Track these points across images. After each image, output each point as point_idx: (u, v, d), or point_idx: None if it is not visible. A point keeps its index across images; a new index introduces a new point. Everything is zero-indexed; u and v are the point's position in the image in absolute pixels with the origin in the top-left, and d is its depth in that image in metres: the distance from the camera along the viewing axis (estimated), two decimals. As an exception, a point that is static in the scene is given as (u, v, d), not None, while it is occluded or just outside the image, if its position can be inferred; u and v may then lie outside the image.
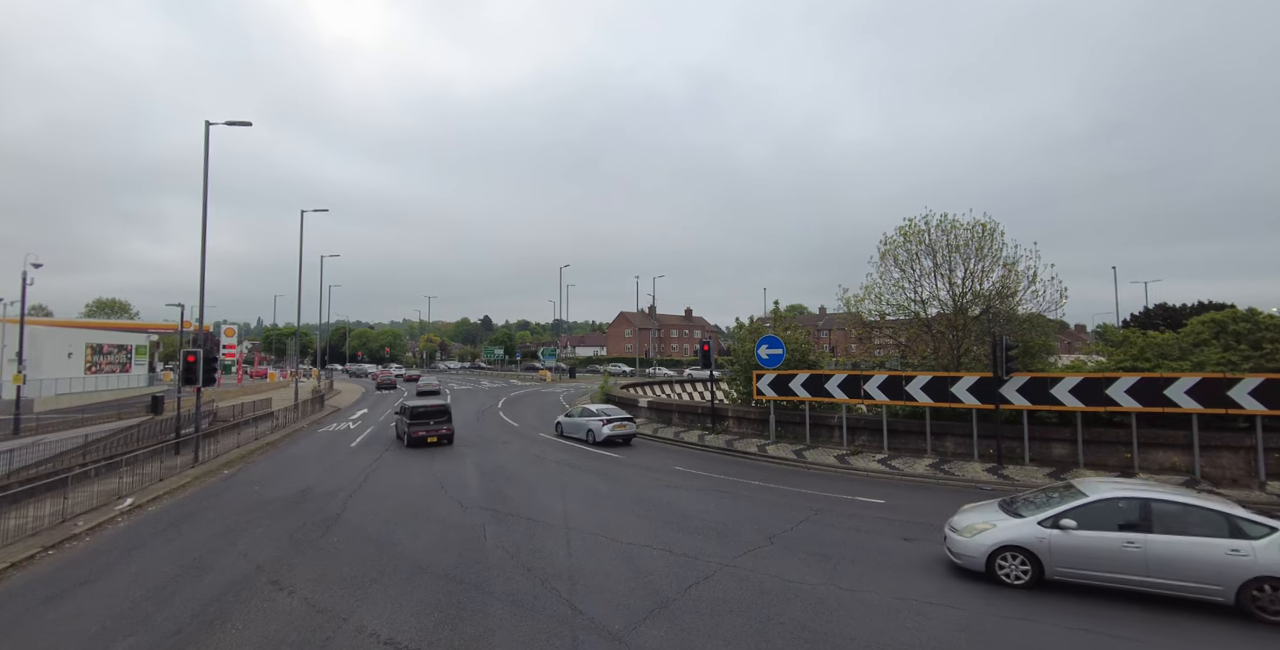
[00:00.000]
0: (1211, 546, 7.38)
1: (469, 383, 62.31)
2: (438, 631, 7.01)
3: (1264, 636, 6.79)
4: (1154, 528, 7.74)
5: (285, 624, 7.31)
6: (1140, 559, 7.62)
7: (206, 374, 18.59)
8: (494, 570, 8.94)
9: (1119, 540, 7.78)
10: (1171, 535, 7.62)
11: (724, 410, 23.60)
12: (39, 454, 18.06)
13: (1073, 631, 6.91)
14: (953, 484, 14.86)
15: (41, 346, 40.78)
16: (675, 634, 6.85)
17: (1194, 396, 13.49)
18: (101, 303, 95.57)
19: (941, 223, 19.06)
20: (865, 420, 19.10)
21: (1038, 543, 8.16)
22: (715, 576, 8.61)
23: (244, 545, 10.50)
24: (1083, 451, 14.99)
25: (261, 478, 16.85)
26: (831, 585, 8.26)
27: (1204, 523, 7.62)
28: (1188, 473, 13.82)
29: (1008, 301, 18.49)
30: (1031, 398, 15.25)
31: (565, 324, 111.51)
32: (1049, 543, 8.10)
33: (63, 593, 8.62)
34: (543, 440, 23.30)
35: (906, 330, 21.07)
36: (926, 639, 6.71)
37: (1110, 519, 8.02)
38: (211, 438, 21.42)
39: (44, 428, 26.87)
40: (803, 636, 6.79)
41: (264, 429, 25.81)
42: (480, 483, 15.26)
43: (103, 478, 15.09)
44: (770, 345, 20.92)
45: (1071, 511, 8.22)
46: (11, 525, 11.23)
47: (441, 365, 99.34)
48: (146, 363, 58.21)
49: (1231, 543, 7.33)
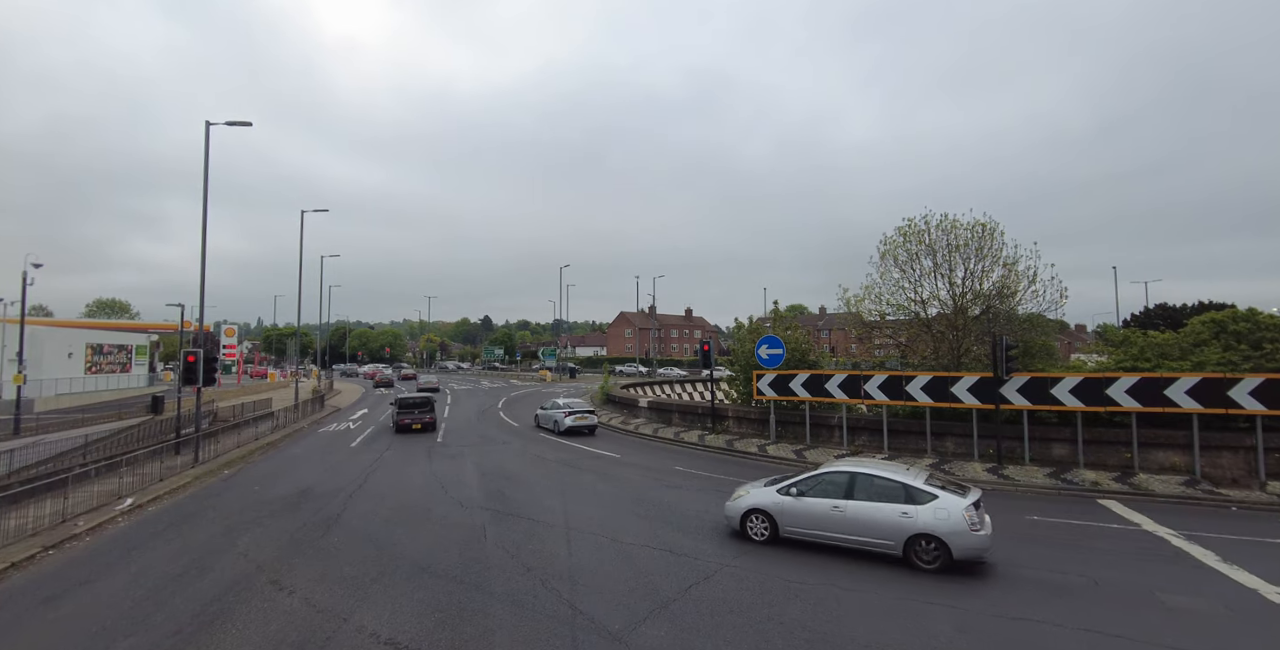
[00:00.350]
0: (890, 510, 9.20)
1: (469, 383, 62.32)
2: (438, 631, 7.02)
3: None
4: (855, 496, 9.57)
5: (286, 624, 7.31)
6: (842, 520, 9.55)
7: (206, 374, 18.60)
8: (494, 570, 8.94)
9: (828, 505, 9.71)
10: (864, 501, 9.45)
11: (724, 410, 23.59)
12: (39, 454, 18.07)
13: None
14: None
15: (42, 346, 40.79)
16: (675, 634, 6.85)
17: (1194, 396, 13.49)
18: (102, 303, 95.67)
19: (941, 223, 19.06)
20: (865, 420, 19.10)
21: (774, 507, 10.17)
22: (715, 576, 8.62)
23: (244, 545, 10.50)
24: (1083, 451, 14.99)
25: (262, 478, 16.85)
26: (831, 585, 8.26)
27: (888, 492, 9.38)
28: (1188, 473, 13.82)
29: (1008, 301, 18.48)
30: (1031, 398, 15.24)
31: (565, 324, 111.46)
32: (782, 507, 10.10)
33: (63, 593, 8.62)
34: (542, 439, 23.31)
35: (906, 330, 21.06)
36: (926, 639, 6.71)
37: (826, 489, 9.90)
38: (212, 438, 21.43)
39: (44, 428, 26.88)
40: (803, 636, 6.79)
41: (264, 429, 25.80)
42: (480, 482, 15.27)
43: (103, 478, 15.09)
44: (770, 345, 20.92)
45: (800, 482, 10.21)
46: (12, 525, 11.23)
47: (451, 365, 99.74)
48: (147, 363, 58.20)
49: (903, 507, 9.11)
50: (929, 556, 8.87)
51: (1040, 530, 10.94)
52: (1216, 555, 9.35)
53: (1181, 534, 10.46)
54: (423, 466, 17.69)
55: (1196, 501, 12.71)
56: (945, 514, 8.83)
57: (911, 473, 9.88)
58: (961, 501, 8.90)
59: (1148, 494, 13.17)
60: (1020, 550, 9.78)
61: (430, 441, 22.77)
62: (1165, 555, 9.52)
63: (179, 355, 22.75)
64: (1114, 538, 10.46)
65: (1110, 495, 13.29)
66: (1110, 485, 13.75)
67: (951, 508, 8.84)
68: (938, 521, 8.80)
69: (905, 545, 9.01)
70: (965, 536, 8.65)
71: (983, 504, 9.19)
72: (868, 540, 9.34)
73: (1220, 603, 7.64)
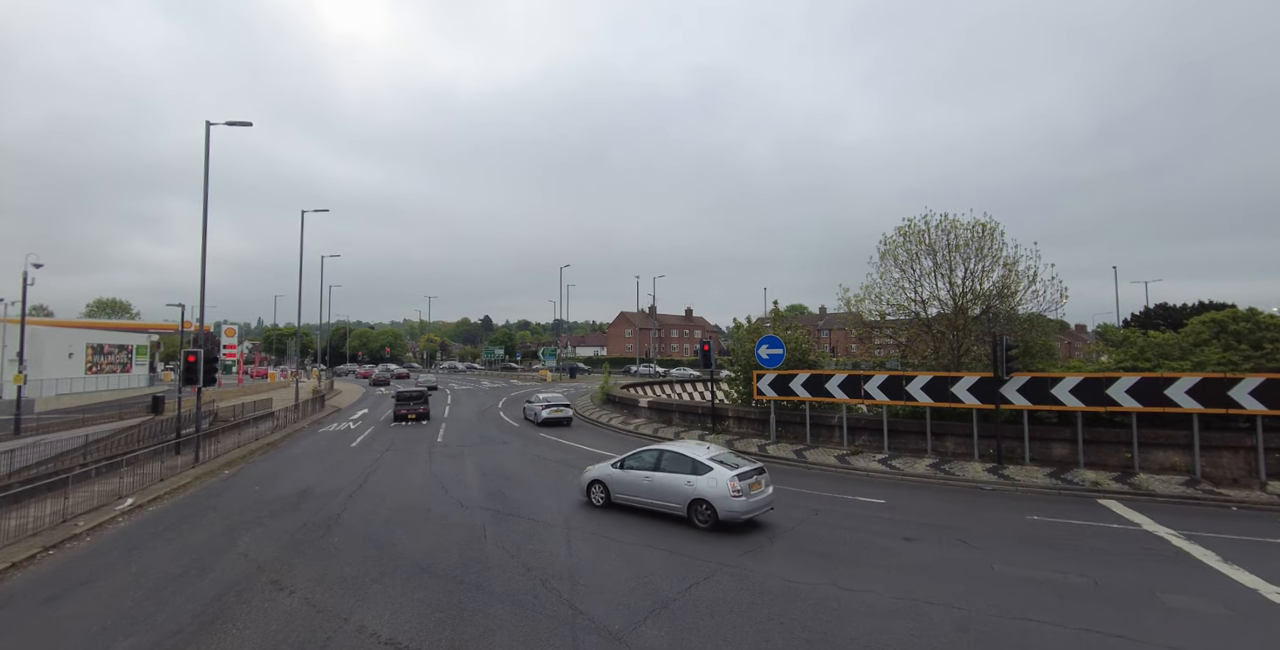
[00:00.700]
0: (679, 480, 11.23)
1: (469, 383, 62.35)
2: (438, 631, 7.02)
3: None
4: (661, 468, 11.66)
5: (286, 624, 7.31)
6: (650, 488, 11.70)
7: (207, 374, 18.61)
8: (494, 570, 8.94)
9: (641, 476, 11.89)
10: (662, 473, 11.58)
11: (724, 410, 23.59)
12: (40, 454, 18.07)
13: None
14: (953, 484, 14.86)
15: (42, 346, 40.80)
16: (675, 634, 6.85)
17: (1194, 396, 13.48)
18: (102, 303, 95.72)
19: (941, 223, 19.06)
20: (866, 420, 19.10)
21: (608, 478, 12.50)
22: (715, 576, 8.62)
23: (245, 545, 10.51)
24: (1083, 451, 14.98)
25: (262, 478, 16.85)
26: (832, 585, 8.26)
27: (681, 465, 11.40)
28: (1188, 473, 13.82)
29: (1008, 301, 18.47)
30: (1032, 398, 15.24)
31: (565, 324, 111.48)
32: (612, 478, 12.41)
33: (63, 593, 8.62)
34: (542, 440, 23.31)
35: (907, 330, 21.06)
36: (927, 639, 6.71)
37: (642, 462, 12.11)
38: (212, 438, 21.43)
39: (45, 428, 26.89)
40: (803, 636, 6.79)
41: (264, 429, 25.80)
42: (480, 482, 15.27)
43: (103, 478, 15.10)
44: (771, 345, 20.92)
45: (626, 458, 12.54)
46: (12, 525, 11.23)
47: (459, 365, 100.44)
48: (147, 363, 58.21)
49: (689, 477, 11.11)
50: (703, 517, 10.82)
51: (1040, 530, 10.94)
52: (1217, 555, 9.35)
53: (1182, 534, 10.46)
54: (423, 466, 17.70)
55: (1197, 501, 12.70)
56: (714, 483, 10.72)
57: (705, 450, 11.85)
58: (728, 473, 10.69)
59: (1148, 494, 13.17)
60: (1020, 550, 9.79)
61: (430, 441, 22.78)
62: (1165, 555, 9.52)
63: (179, 355, 22.78)
64: (1114, 538, 10.45)
65: (1110, 495, 13.29)
66: (1110, 485, 13.75)
67: (720, 478, 10.69)
68: (710, 489, 10.73)
69: (688, 508, 11.07)
70: (727, 501, 10.52)
71: (762, 478, 11.12)
72: (664, 504, 11.45)
73: (1220, 603, 7.64)
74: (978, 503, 13.10)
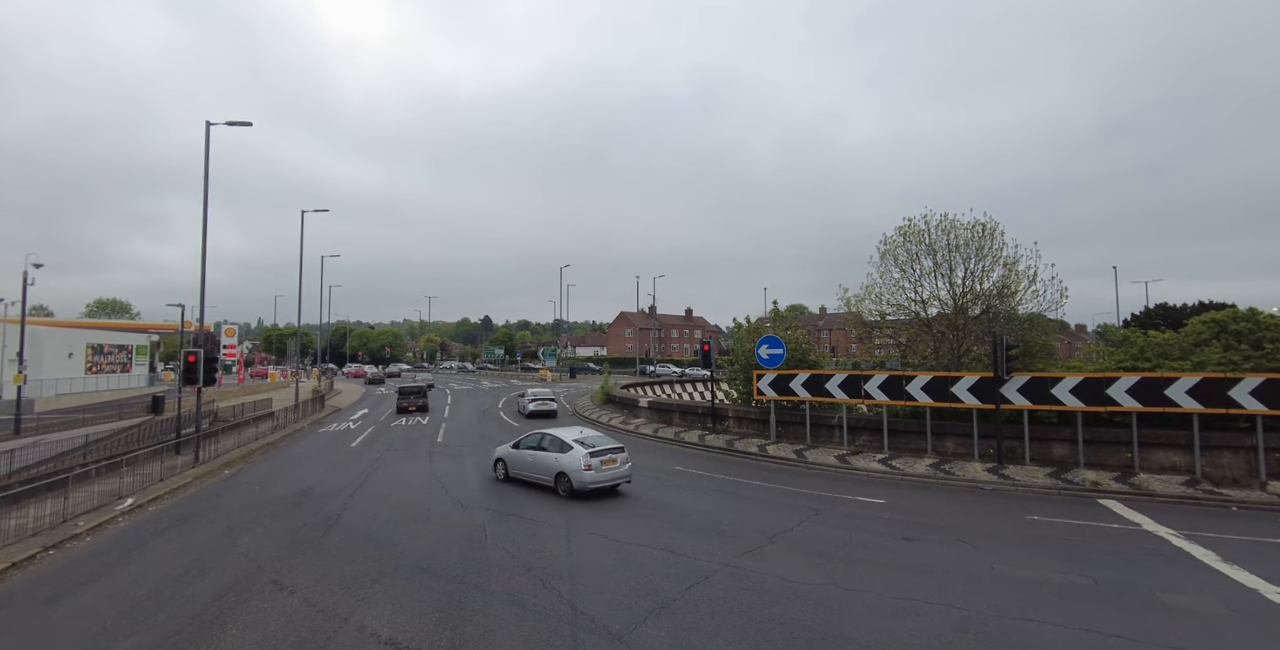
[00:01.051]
0: (550, 457, 13.75)
1: (469, 383, 62.34)
2: (438, 631, 7.02)
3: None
4: (543, 448, 14.14)
5: (286, 624, 7.31)
6: (532, 464, 14.26)
7: (207, 374, 18.60)
8: (494, 570, 8.95)
9: (528, 455, 14.45)
10: (541, 451, 14.10)
11: (724, 410, 23.59)
12: (40, 454, 18.07)
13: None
14: (953, 484, 14.86)
15: (42, 346, 40.79)
16: (675, 634, 6.85)
17: (1194, 396, 13.48)
18: (102, 303, 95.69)
19: (941, 222, 19.05)
20: (866, 420, 19.09)
21: (507, 456, 15.15)
22: (716, 576, 8.61)
23: (245, 545, 10.51)
24: (1083, 451, 14.98)
25: (262, 478, 16.85)
26: (832, 585, 8.26)
27: (555, 445, 13.87)
28: (1188, 472, 13.82)
29: (1008, 301, 18.46)
30: (1032, 398, 15.24)
31: (565, 324, 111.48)
32: (510, 456, 15.04)
33: (64, 593, 8.63)
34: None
35: (907, 330, 21.05)
36: (927, 639, 6.70)
37: (530, 443, 14.65)
38: (212, 438, 21.44)
39: (45, 428, 26.87)
40: (803, 636, 6.79)
41: (264, 429, 25.80)
42: (480, 482, 15.27)
43: (103, 478, 15.10)
44: (771, 345, 20.92)
45: (522, 440, 15.06)
46: (12, 525, 11.24)
47: (470, 366, 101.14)
48: (147, 363, 58.19)
49: (556, 455, 13.61)
50: (564, 488, 13.28)
51: (1040, 530, 10.94)
52: (1217, 555, 9.35)
53: (1182, 534, 10.46)
54: (423, 466, 17.70)
55: (1197, 501, 12.70)
56: (572, 459, 13.12)
57: (576, 433, 14.17)
58: (583, 451, 13.11)
59: (1148, 494, 13.16)
60: (1020, 550, 9.79)
61: (430, 441, 22.78)
62: (1165, 555, 9.52)
63: (179, 355, 22.77)
64: (1114, 538, 10.45)
65: (1110, 495, 13.28)
66: (1110, 485, 13.75)
67: (576, 455, 13.10)
68: (568, 464, 13.19)
69: (554, 480, 13.49)
70: (580, 474, 12.95)
71: (618, 456, 13.39)
72: (541, 477, 13.93)
73: (1220, 603, 7.64)
74: (978, 503, 13.10)
